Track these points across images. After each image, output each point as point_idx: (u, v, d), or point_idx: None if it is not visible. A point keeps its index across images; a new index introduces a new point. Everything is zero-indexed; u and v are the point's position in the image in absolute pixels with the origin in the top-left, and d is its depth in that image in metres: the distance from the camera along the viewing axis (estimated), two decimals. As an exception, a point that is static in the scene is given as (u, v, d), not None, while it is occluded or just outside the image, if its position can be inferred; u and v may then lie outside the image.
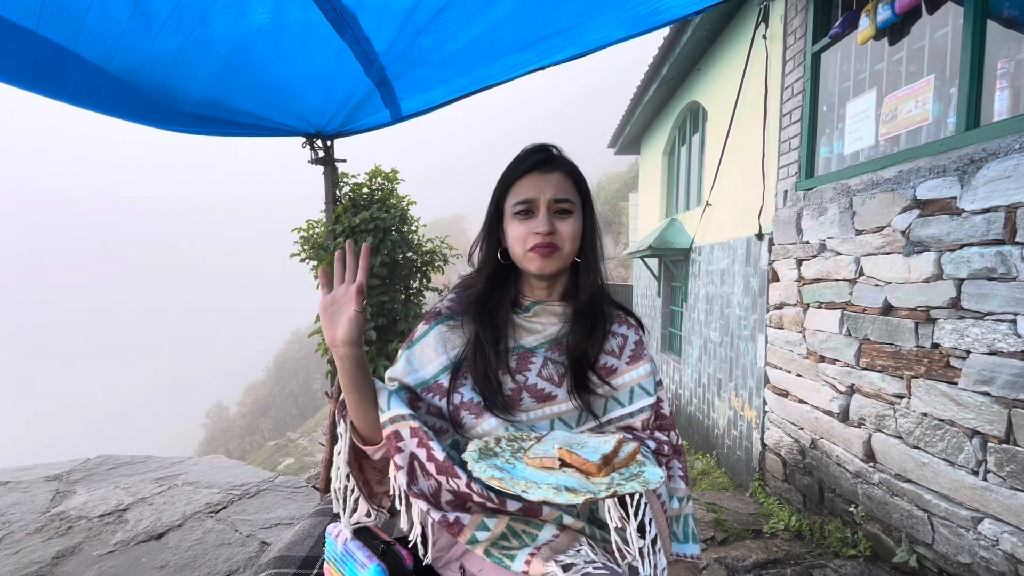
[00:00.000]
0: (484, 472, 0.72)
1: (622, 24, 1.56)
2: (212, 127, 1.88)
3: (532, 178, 0.93)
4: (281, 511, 2.41)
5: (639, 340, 1.03)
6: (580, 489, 0.69)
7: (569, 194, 0.94)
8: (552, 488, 0.69)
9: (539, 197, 0.92)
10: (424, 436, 0.83)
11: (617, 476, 0.74)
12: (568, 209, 0.94)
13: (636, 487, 0.71)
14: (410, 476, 0.83)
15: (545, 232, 0.91)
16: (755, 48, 3.80)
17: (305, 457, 19.99)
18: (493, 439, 0.84)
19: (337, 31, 1.39)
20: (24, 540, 2.11)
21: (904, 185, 2.23)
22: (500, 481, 0.70)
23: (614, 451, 0.77)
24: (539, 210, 0.92)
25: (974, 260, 1.89)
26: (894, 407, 2.29)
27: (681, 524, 0.98)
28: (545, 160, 0.94)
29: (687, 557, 0.97)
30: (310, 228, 2.64)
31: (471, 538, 0.81)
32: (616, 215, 17.84)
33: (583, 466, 0.74)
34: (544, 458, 0.76)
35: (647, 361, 1.01)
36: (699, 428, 5.11)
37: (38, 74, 1.29)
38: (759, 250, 3.64)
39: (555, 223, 0.92)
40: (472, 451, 0.78)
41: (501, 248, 0.98)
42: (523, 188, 0.93)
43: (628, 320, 1.05)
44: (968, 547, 1.94)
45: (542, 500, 0.67)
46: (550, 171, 0.94)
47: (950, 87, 2.12)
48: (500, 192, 0.97)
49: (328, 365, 2.62)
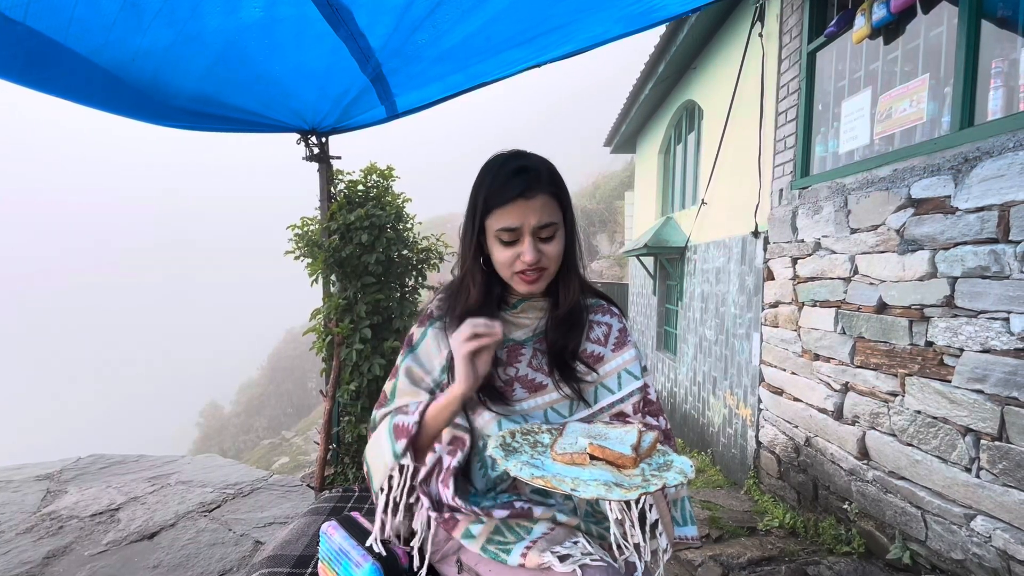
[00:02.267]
0: (523, 472, 0.71)
1: (618, 21, 1.55)
2: (205, 122, 1.86)
3: (516, 206, 0.89)
4: (275, 510, 2.40)
5: (623, 327, 1.05)
6: (627, 484, 0.68)
7: (553, 216, 0.92)
8: (602, 485, 0.68)
9: (523, 224, 0.90)
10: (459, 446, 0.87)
11: (647, 467, 0.74)
12: (553, 233, 0.93)
13: (679, 478, 0.70)
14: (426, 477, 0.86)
15: (534, 261, 0.90)
16: (751, 47, 3.81)
17: (300, 456, 19.90)
18: (508, 433, 0.84)
19: (332, 26, 1.38)
20: (14, 540, 2.09)
21: (899, 184, 2.24)
22: (545, 480, 0.69)
23: (639, 441, 0.77)
24: (523, 237, 0.90)
25: (968, 259, 1.90)
26: (888, 405, 2.31)
27: (679, 508, 1.01)
28: (528, 186, 0.90)
29: (688, 539, 1.00)
30: (304, 225, 2.62)
31: (465, 532, 0.83)
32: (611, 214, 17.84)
33: (618, 460, 0.73)
34: (574, 454, 0.75)
35: (632, 346, 1.03)
36: (694, 426, 5.12)
37: (28, 67, 1.27)
38: (754, 248, 3.66)
39: (541, 248, 0.92)
40: (495, 448, 0.78)
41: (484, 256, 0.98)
42: (507, 216, 0.90)
43: (611, 309, 1.07)
44: (961, 544, 1.95)
45: (595, 498, 0.66)
46: (533, 195, 0.90)
47: (944, 86, 2.13)
48: (481, 211, 0.93)
49: (323, 364, 2.60)
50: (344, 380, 2.53)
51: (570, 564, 0.77)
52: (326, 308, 2.52)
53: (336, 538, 0.96)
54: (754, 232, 3.65)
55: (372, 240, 2.52)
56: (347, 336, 2.48)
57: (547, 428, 0.88)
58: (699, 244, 4.97)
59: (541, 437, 0.84)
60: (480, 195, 0.93)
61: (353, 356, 2.48)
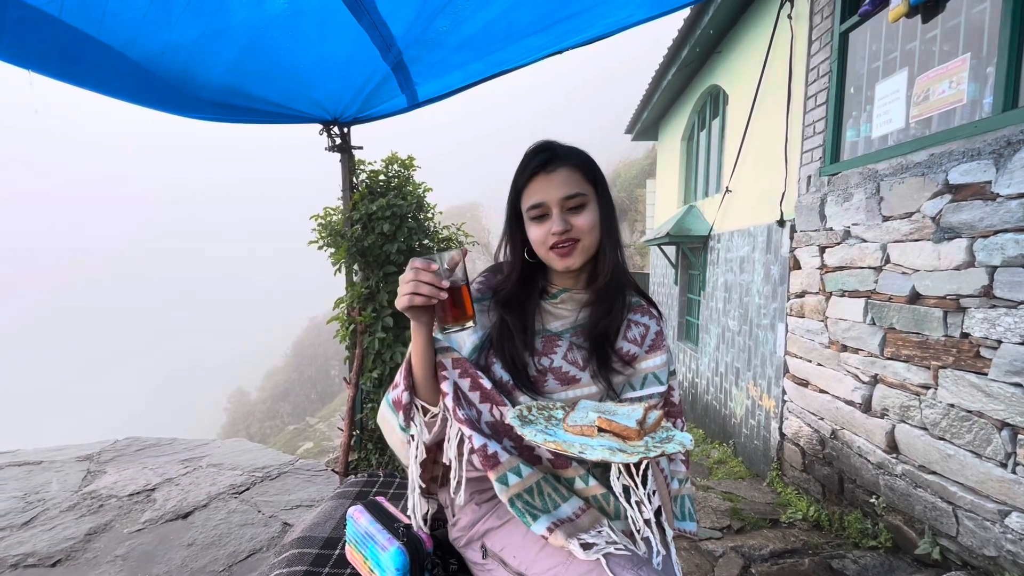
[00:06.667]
0: (536, 437, 0.77)
1: (642, 5, 1.52)
2: (231, 114, 1.89)
3: (538, 181, 0.93)
4: (302, 493, 2.47)
5: (659, 331, 1.06)
6: (630, 450, 0.75)
7: (578, 187, 0.93)
8: (607, 449, 0.74)
9: (548, 198, 0.92)
10: (467, 366, 0.91)
11: (650, 440, 0.80)
12: (580, 203, 0.94)
13: (676, 447, 0.76)
14: (456, 401, 0.87)
15: (561, 231, 0.92)
16: (779, 28, 3.68)
17: (324, 442, 20.40)
18: (525, 407, 0.88)
19: (355, 15, 1.38)
20: (58, 517, 2.19)
21: (935, 169, 2.15)
22: (556, 444, 0.75)
23: (644, 417, 0.82)
24: (551, 211, 0.93)
25: (1008, 247, 1.82)
26: (919, 398, 2.24)
27: (679, 504, 1.05)
28: (548, 160, 0.94)
29: (687, 533, 1.04)
30: (327, 215, 2.65)
31: (502, 477, 0.84)
32: (632, 202, 17.60)
33: (623, 432, 0.79)
34: (583, 426, 0.80)
35: (664, 352, 1.04)
36: (716, 417, 5.07)
37: (62, 61, 1.30)
38: (780, 237, 3.57)
39: (570, 219, 0.93)
40: (513, 417, 0.83)
41: (527, 247, 1.00)
42: (532, 192, 0.94)
43: (650, 311, 1.07)
44: (994, 540, 1.90)
45: (600, 460, 0.72)
46: (554, 169, 0.93)
47: (987, 66, 2.03)
48: (513, 196, 0.98)
49: (346, 352, 2.65)
50: (367, 368, 2.57)
51: (594, 553, 0.78)
52: (349, 297, 2.56)
53: (362, 522, 0.98)
54: (780, 220, 3.56)
55: (393, 229, 2.55)
56: (370, 324, 2.52)
57: (561, 405, 0.92)
58: (723, 233, 4.87)
59: (555, 412, 0.90)
60: (512, 184, 0.98)
61: (376, 344, 2.52)
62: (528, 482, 0.85)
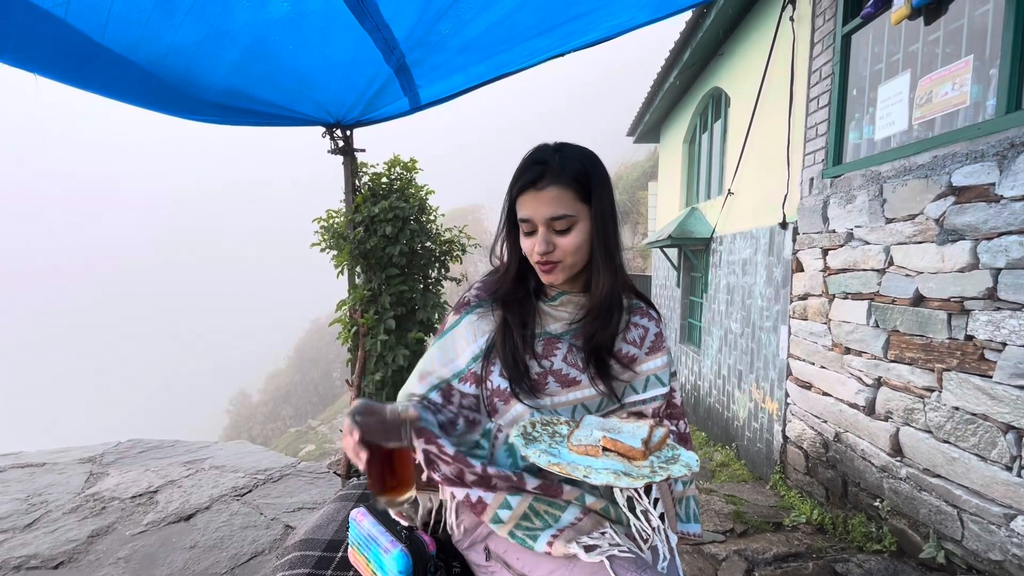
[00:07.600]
0: (540, 459, 0.75)
1: (644, 8, 1.52)
2: (233, 116, 1.90)
3: (528, 196, 0.91)
4: (304, 496, 2.46)
5: (659, 332, 1.05)
6: (635, 474, 0.73)
7: (567, 208, 0.90)
8: (611, 473, 0.72)
9: (535, 216, 0.91)
10: (431, 435, 0.84)
11: (655, 460, 0.78)
12: (567, 225, 0.91)
13: (683, 470, 0.75)
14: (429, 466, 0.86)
15: (543, 252, 0.91)
16: (781, 31, 3.68)
17: (325, 444, 20.40)
18: (529, 423, 0.87)
19: (357, 18, 1.38)
20: (61, 519, 2.20)
21: (939, 171, 2.15)
22: (560, 467, 0.73)
23: (649, 436, 0.81)
24: (538, 228, 0.92)
25: (1013, 249, 1.82)
26: (923, 401, 2.23)
27: (684, 505, 1.04)
28: (539, 176, 0.90)
29: (690, 535, 1.03)
30: (330, 218, 2.66)
31: (494, 517, 0.83)
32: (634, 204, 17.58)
33: (628, 452, 0.77)
34: (588, 446, 0.79)
35: (665, 353, 1.04)
36: (718, 420, 5.06)
37: (68, 64, 1.31)
38: (783, 239, 3.56)
39: (554, 240, 0.92)
40: (517, 436, 0.82)
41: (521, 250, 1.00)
42: (522, 206, 0.93)
43: (650, 313, 1.07)
44: (1000, 544, 1.88)
45: (605, 484, 0.70)
46: (544, 187, 0.90)
47: (990, 68, 2.02)
48: (509, 201, 0.97)
49: (348, 354, 2.65)
50: (369, 370, 2.57)
51: (597, 555, 0.77)
52: (351, 299, 2.56)
53: (365, 524, 0.98)
54: (782, 223, 3.55)
55: (396, 232, 2.55)
56: (372, 327, 2.52)
57: (565, 420, 0.91)
58: (725, 235, 4.86)
59: (559, 428, 0.88)
60: (508, 189, 0.96)
61: (378, 346, 2.52)
62: (520, 509, 0.84)
